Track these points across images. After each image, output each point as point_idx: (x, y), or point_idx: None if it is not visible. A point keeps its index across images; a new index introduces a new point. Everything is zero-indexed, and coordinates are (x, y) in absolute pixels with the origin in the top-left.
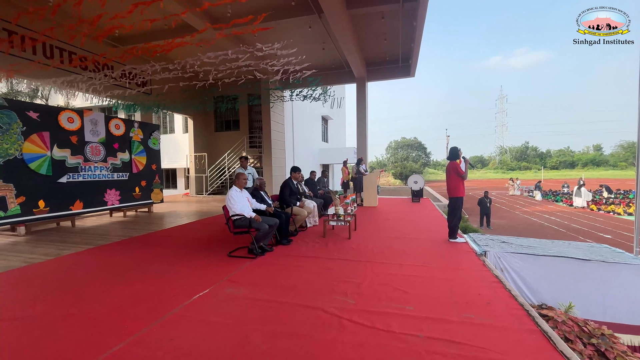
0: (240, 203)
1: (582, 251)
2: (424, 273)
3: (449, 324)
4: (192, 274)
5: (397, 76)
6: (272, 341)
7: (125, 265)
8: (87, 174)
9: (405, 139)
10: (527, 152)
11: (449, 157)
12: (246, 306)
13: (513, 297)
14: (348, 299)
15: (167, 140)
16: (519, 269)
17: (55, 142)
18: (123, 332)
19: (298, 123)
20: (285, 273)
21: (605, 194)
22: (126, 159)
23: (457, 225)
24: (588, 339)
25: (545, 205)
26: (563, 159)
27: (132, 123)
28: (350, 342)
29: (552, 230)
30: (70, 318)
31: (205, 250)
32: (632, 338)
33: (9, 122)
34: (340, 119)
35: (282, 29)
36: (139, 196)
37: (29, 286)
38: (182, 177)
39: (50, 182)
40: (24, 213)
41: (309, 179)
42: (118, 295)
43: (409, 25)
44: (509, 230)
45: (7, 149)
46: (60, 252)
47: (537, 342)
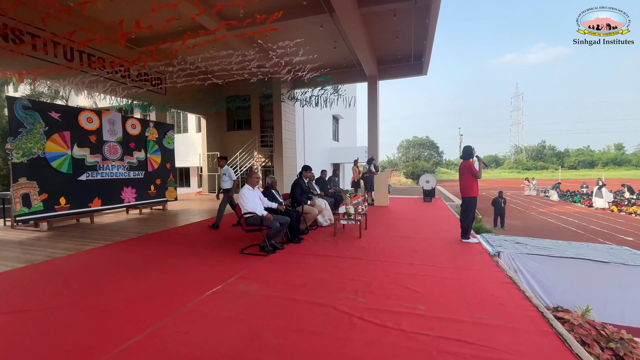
0: (252, 201)
1: (600, 253)
2: (435, 273)
3: (461, 324)
4: (206, 270)
5: (409, 74)
6: (283, 336)
7: (142, 260)
8: (105, 172)
9: (417, 137)
10: (543, 152)
11: (463, 156)
12: (258, 302)
13: (527, 298)
14: (358, 297)
15: (181, 139)
16: (533, 270)
17: (75, 141)
18: (140, 325)
19: (309, 122)
20: (296, 271)
21: (627, 194)
22: (142, 158)
23: (470, 225)
24: (606, 342)
25: (563, 206)
26: (582, 158)
27: (148, 123)
28: (360, 339)
29: (569, 231)
30: (90, 310)
31: (218, 248)
32: None
33: (33, 122)
34: (351, 117)
35: (294, 29)
36: (154, 194)
37: (52, 280)
38: (195, 176)
39: (70, 180)
40: (46, 209)
41: (320, 178)
42: (135, 289)
43: (422, 23)
44: (524, 231)
45: (31, 148)
46: (80, 248)
47: (551, 344)
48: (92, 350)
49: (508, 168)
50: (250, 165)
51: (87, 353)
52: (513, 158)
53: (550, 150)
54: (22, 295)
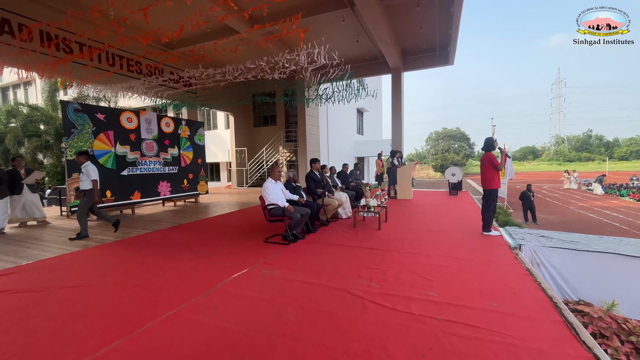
0: (275, 193)
1: (635, 247)
2: (452, 264)
3: (470, 310)
4: (233, 256)
5: (434, 65)
6: (303, 315)
7: (177, 247)
8: (144, 167)
9: (446, 129)
10: (589, 142)
11: (484, 148)
12: (280, 285)
13: (542, 290)
14: (372, 283)
15: (211, 136)
16: (556, 263)
17: (118, 139)
18: (176, 300)
19: (332, 116)
20: (316, 259)
21: None
22: (175, 154)
23: (492, 217)
24: (627, 336)
25: (608, 200)
26: (635, 148)
27: (180, 121)
28: (371, 320)
29: (611, 227)
30: (136, 287)
31: (244, 236)
32: None
33: (83, 123)
34: (376, 111)
35: (316, 24)
36: (187, 188)
37: (103, 262)
38: (225, 170)
39: (114, 175)
40: None
41: (341, 172)
42: (172, 271)
43: (446, 12)
44: (559, 226)
45: (82, 146)
46: (125, 235)
47: (559, 331)
48: (144, 316)
49: (547, 160)
50: (275, 160)
51: (132, 320)
52: (553, 149)
53: (597, 140)
54: (79, 273)
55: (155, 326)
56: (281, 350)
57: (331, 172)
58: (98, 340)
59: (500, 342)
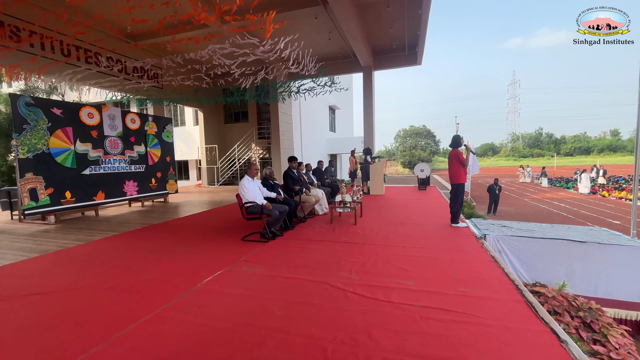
0: (252, 191)
1: (580, 234)
2: (425, 254)
3: (445, 296)
4: (211, 255)
5: (404, 64)
6: (288, 308)
7: (150, 248)
8: (108, 166)
9: (413, 127)
10: (540, 139)
11: (451, 144)
12: (262, 281)
13: (506, 274)
14: (353, 275)
15: (179, 132)
16: (516, 250)
17: (78, 136)
18: (158, 301)
19: (305, 114)
20: (296, 254)
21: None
22: (142, 152)
23: (459, 210)
24: (576, 312)
25: (556, 192)
26: (578, 145)
27: (147, 117)
28: (354, 309)
29: (559, 216)
30: (112, 290)
31: (221, 236)
32: (619, 312)
33: (36, 118)
34: (347, 108)
35: (288, 21)
36: (155, 187)
37: (70, 265)
38: (194, 169)
39: (75, 175)
40: (53, 203)
41: (316, 169)
42: (149, 272)
43: (415, 13)
44: (516, 217)
45: (36, 143)
46: (90, 238)
47: (522, 310)
48: (124, 320)
49: (505, 156)
50: (248, 157)
51: (111, 324)
52: (510, 146)
53: (547, 137)
54: (45, 279)
55: (137, 328)
56: (270, 343)
57: (307, 169)
58: (77, 347)
59: (473, 323)
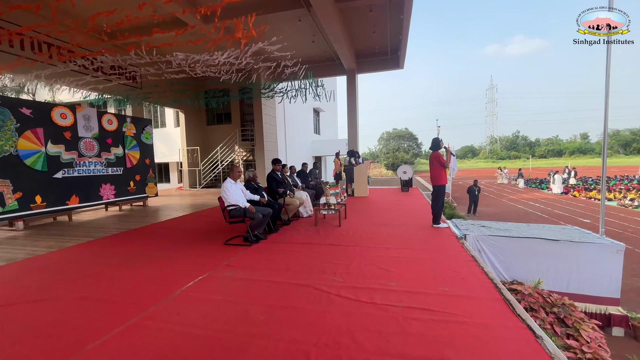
0: (235, 194)
1: (553, 233)
2: (407, 255)
3: (426, 296)
4: (192, 260)
5: (386, 68)
6: (270, 313)
7: (127, 254)
8: (82, 169)
9: (396, 130)
10: (517, 142)
11: (431, 147)
12: (244, 286)
13: (485, 273)
14: (337, 277)
15: (159, 134)
16: (494, 249)
17: (49, 138)
18: (134, 309)
19: (290, 116)
20: (280, 257)
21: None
22: (120, 154)
23: (441, 211)
24: (550, 308)
25: (532, 192)
26: (551, 147)
27: (125, 118)
28: (338, 312)
29: (535, 216)
30: (85, 300)
31: (202, 240)
32: (589, 306)
33: (3, 119)
34: (331, 111)
35: (272, 23)
36: (134, 190)
37: (39, 274)
38: (175, 171)
39: (46, 178)
40: (21, 208)
41: (301, 171)
42: (125, 280)
43: (397, 18)
44: (495, 217)
45: (2, 145)
46: (62, 245)
47: (500, 308)
48: (96, 331)
49: (484, 158)
50: (231, 159)
51: (84, 335)
52: (488, 148)
53: (523, 140)
54: (10, 289)
55: (112, 339)
56: (252, 349)
57: (291, 172)
58: None
59: (453, 322)
